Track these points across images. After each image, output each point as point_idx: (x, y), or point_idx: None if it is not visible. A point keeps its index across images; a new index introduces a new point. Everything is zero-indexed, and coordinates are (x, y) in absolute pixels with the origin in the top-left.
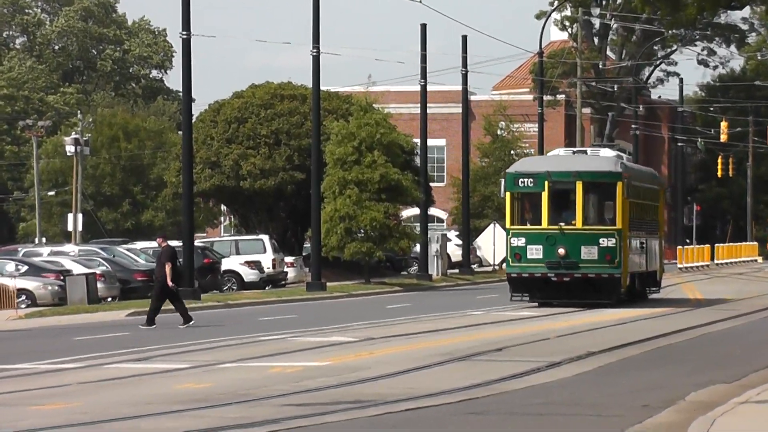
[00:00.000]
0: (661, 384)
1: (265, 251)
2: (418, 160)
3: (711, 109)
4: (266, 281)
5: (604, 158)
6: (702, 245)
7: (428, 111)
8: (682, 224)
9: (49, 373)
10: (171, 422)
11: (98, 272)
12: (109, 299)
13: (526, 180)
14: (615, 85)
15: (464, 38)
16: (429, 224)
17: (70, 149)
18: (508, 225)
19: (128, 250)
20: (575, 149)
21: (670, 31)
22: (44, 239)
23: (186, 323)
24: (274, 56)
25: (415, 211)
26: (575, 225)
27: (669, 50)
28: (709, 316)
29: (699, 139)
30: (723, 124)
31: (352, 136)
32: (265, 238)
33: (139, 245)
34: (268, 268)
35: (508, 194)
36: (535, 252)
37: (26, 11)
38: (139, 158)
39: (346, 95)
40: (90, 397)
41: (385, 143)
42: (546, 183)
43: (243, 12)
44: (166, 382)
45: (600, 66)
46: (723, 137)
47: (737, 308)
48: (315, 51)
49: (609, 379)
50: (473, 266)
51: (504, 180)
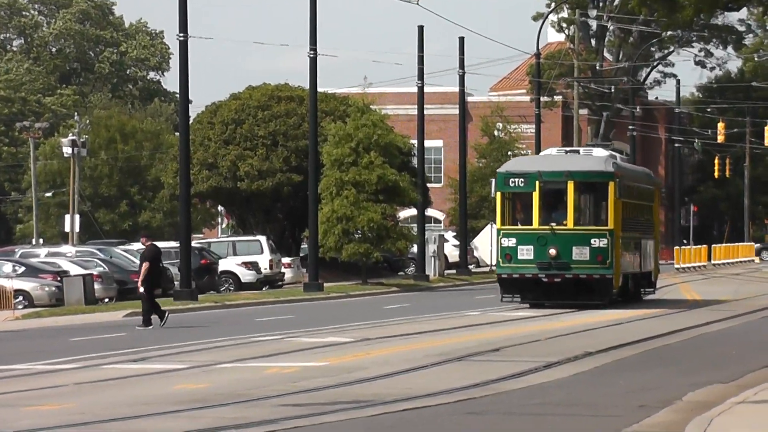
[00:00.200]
0: (658, 384)
1: (263, 252)
2: (416, 161)
3: (708, 110)
4: (263, 282)
5: (596, 158)
6: (699, 246)
7: (425, 112)
8: (679, 225)
9: (46, 374)
10: (168, 422)
11: (95, 273)
12: (106, 300)
13: (517, 180)
14: (612, 87)
15: (461, 40)
16: (426, 225)
17: (68, 151)
18: (499, 225)
19: (125, 251)
20: (568, 149)
21: (667, 33)
22: (41, 240)
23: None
24: (272, 58)
25: (413, 212)
26: (566, 225)
27: (666, 51)
28: (706, 317)
29: (696, 140)
30: (720, 125)
31: (350, 137)
32: (263, 239)
33: (136, 246)
34: (266, 269)
35: (499, 194)
36: (526, 252)
37: (23, 13)
38: (137, 160)
39: (344, 96)
40: (87, 398)
41: (383, 144)
42: (537, 183)
43: (240, 14)
44: (164, 383)
45: (597, 67)
46: (720, 138)
47: (734, 309)
48: (312, 52)
49: (606, 380)
50: (470, 267)
51: (495, 180)
